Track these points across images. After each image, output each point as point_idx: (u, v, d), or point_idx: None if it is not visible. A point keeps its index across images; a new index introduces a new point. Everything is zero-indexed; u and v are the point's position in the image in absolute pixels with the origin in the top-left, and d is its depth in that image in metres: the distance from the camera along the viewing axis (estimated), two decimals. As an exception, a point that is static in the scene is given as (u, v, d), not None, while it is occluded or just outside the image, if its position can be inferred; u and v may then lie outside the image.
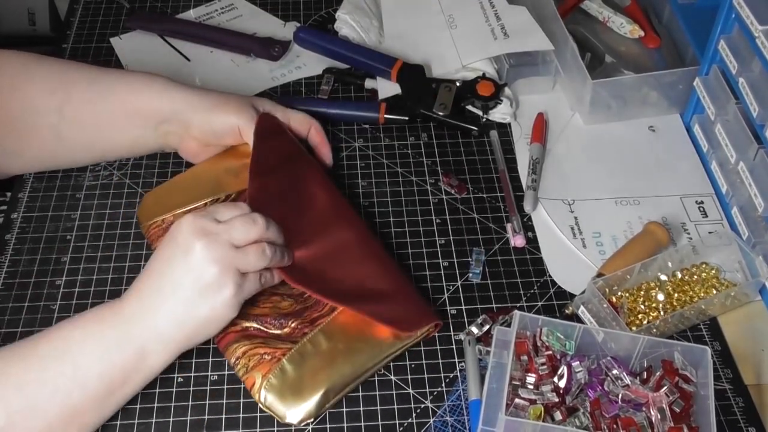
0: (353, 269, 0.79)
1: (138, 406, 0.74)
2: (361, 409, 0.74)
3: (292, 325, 0.76)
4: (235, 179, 0.87)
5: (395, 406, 0.74)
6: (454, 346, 0.78)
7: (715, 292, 0.81)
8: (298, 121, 0.91)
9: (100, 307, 0.71)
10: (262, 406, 0.72)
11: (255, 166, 0.85)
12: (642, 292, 0.81)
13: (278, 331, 0.76)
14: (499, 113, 0.99)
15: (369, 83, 1.02)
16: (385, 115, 0.97)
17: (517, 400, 0.68)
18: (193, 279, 0.69)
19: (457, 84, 0.99)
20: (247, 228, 0.72)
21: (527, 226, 0.88)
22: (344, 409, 0.74)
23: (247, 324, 0.76)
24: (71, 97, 0.84)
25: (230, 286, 0.70)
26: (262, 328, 0.76)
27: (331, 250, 0.80)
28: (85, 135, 0.87)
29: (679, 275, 0.82)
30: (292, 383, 0.72)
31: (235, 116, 0.85)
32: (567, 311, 0.80)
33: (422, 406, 0.74)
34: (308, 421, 0.72)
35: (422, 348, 0.78)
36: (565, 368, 0.70)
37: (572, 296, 0.82)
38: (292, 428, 0.72)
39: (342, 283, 0.78)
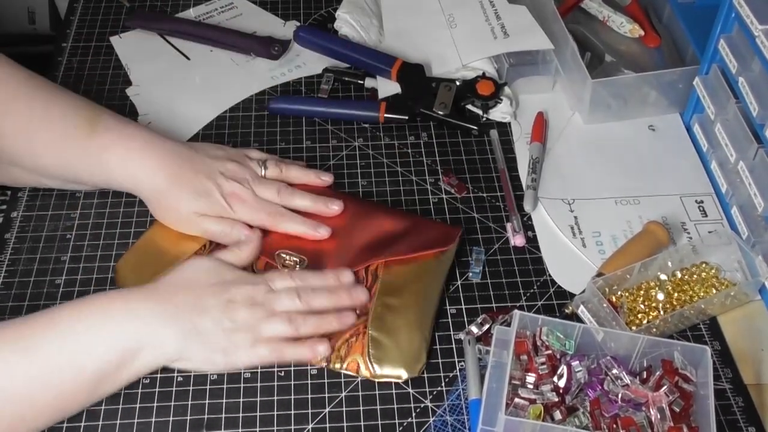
0: (368, 231, 0.84)
1: (137, 406, 0.73)
2: (361, 408, 0.74)
3: None
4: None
5: (395, 406, 0.74)
6: (453, 346, 0.78)
7: (714, 291, 0.81)
8: (299, 177, 0.88)
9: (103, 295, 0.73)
10: (376, 379, 0.75)
11: None
12: (642, 292, 0.81)
13: None
14: (499, 112, 0.99)
15: (369, 82, 1.02)
16: (385, 115, 0.97)
17: (516, 400, 0.68)
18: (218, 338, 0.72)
19: (457, 83, 0.99)
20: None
21: (527, 226, 0.88)
22: (344, 409, 0.74)
23: None
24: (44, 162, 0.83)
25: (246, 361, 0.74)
26: None
27: (340, 228, 0.84)
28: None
29: (679, 275, 0.82)
30: (390, 345, 0.76)
31: (186, 202, 0.80)
32: (567, 311, 0.80)
33: (422, 405, 0.74)
34: (422, 367, 0.75)
35: (422, 347, 0.78)
36: (565, 368, 0.70)
37: (572, 296, 0.82)
38: (292, 428, 0.72)
39: (367, 245, 0.82)
